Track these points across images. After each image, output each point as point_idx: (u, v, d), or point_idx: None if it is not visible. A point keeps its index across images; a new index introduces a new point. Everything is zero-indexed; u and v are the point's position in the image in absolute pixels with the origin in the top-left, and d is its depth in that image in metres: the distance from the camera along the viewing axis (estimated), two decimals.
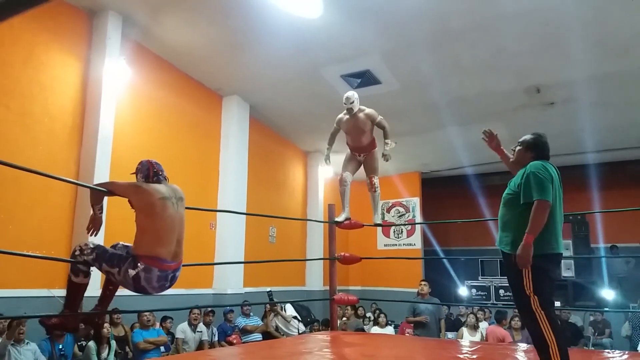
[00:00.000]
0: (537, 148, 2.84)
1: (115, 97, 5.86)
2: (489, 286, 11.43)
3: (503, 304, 10.01)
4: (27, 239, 4.97)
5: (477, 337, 6.91)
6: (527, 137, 2.90)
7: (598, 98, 7.77)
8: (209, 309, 6.66)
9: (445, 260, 12.54)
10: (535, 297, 2.57)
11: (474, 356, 3.70)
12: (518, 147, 2.92)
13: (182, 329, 6.09)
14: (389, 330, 8.08)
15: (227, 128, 8.17)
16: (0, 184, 4.76)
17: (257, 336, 7.04)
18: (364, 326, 8.21)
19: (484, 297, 11.39)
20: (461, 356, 3.70)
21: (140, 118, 6.55)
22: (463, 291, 11.88)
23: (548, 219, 2.60)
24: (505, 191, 2.86)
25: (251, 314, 7.38)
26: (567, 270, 10.89)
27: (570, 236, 10.98)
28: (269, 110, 8.92)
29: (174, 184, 3.04)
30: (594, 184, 10.68)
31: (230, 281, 7.68)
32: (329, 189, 11.98)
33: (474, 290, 11.60)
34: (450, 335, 7.58)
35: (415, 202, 12.80)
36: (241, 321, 7.19)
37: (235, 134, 8.15)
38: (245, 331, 7.06)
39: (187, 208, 3.01)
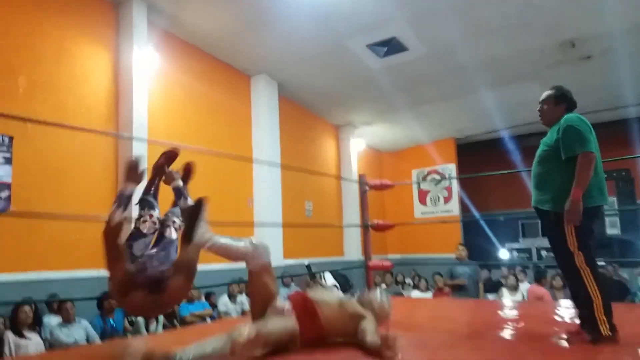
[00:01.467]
0: (566, 99, 2.74)
1: (147, 84, 6.01)
2: (530, 248, 11.28)
3: (545, 265, 9.88)
4: (73, 227, 5.16)
5: (517, 298, 6.89)
6: (550, 91, 2.79)
7: (638, 48, 7.42)
8: None
9: (484, 225, 12.34)
10: (580, 253, 2.46)
11: (513, 312, 3.70)
12: (545, 106, 2.79)
13: (224, 302, 6.37)
14: (430, 295, 8.14)
15: (257, 108, 8.27)
16: (43, 177, 4.98)
17: None
18: (403, 291, 8.31)
19: (526, 259, 11.26)
20: (500, 313, 3.70)
21: (172, 104, 6.71)
22: (504, 254, 11.76)
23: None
24: (540, 148, 2.74)
25: (292, 284, 7.60)
26: (612, 228, 10.62)
27: (615, 193, 10.66)
28: (297, 87, 8.95)
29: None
30: (637, 139, 10.26)
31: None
32: (362, 160, 12.00)
33: (515, 253, 11.47)
34: (490, 296, 7.58)
35: (452, 168, 12.65)
36: (282, 292, 7.40)
37: (265, 113, 8.25)
38: None
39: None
